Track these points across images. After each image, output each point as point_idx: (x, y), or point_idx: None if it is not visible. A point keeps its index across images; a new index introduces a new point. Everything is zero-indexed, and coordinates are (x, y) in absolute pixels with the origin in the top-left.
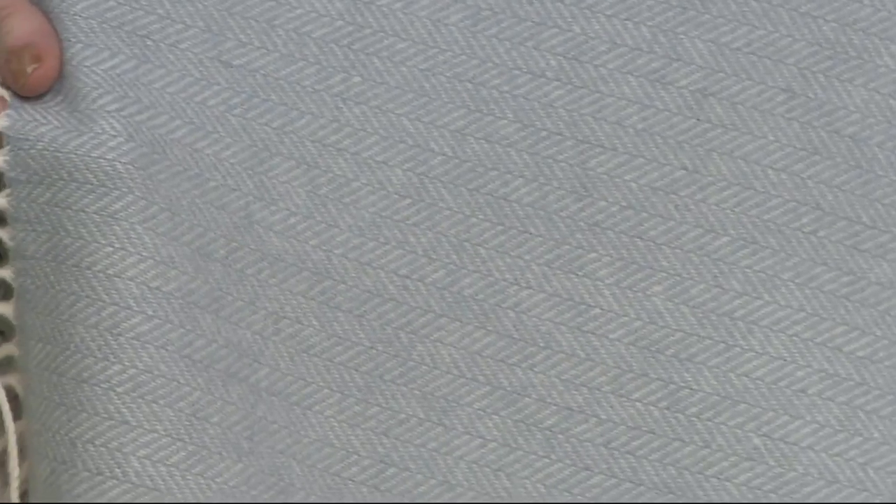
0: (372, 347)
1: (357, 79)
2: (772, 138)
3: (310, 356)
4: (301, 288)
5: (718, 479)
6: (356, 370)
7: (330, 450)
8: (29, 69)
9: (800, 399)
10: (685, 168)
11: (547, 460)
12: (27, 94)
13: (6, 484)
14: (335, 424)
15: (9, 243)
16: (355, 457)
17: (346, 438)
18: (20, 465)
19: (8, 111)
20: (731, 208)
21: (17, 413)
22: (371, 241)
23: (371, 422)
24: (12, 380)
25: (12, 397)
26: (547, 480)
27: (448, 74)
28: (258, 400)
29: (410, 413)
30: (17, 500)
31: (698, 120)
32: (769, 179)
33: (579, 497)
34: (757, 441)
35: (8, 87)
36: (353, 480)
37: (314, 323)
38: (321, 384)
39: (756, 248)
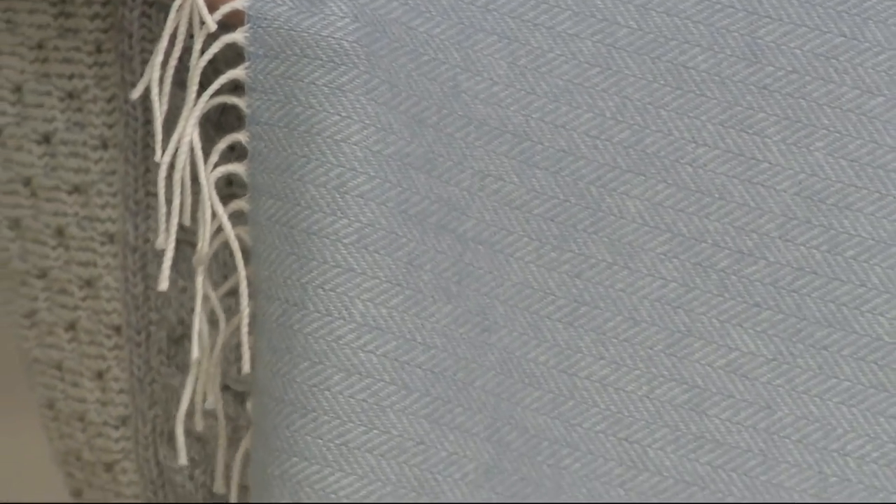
0: (566, 200)
1: None
2: None
3: (511, 209)
4: (503, 149)
5: (872, 314)
6: (552, 220)
7: (529, 291)
8: None
9: None
10: (844, 35)
11: (720, 298)
12: None
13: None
14: (534, 269)
15: (246, 111)
16: (551, 297)
17: (544, 281)
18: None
19: None
20: (885, 71)
21: (245, 261)
22: (564, 106)
23: (565, 266)
24: (242, 231)
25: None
26: (720, 316)
27: None
28: (465, 249)
29: (600, 258)
30: (246, 330)
31: None
32: None
33: (750, 330)
34: None
35: None
36: (549, 318)
37: (515, 179)
38: (521, 233)
39: None
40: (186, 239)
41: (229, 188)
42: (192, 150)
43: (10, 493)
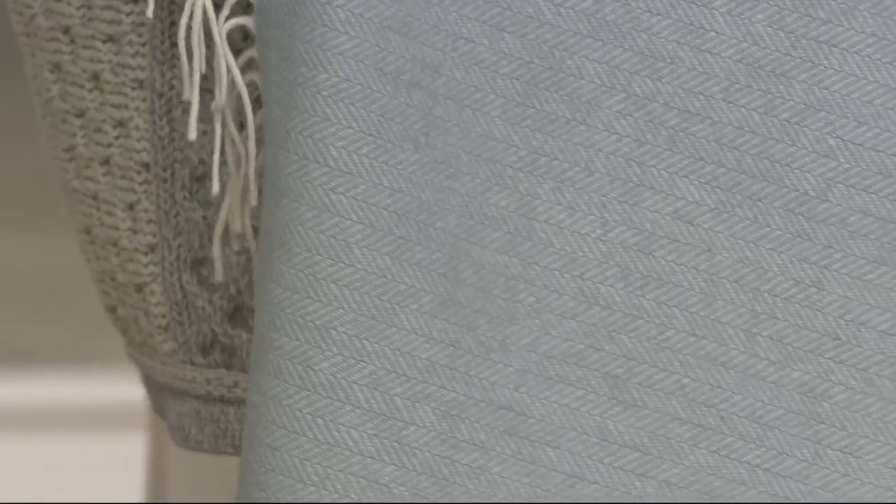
0: (531, 62)
1: None
2: None
3: (480, 68)
4: (475, 13)
5: (801, 171)
6: (517, 79)
7: (493, 143)
8: None
9: (867, 108)
10: None
11: (669, 152)
12: None
13: (239, 172)
14: (499, 123)
15: None
16: (514, 149)
17: (507, 134)
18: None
19: None
20: None
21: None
22: None
23: (528, 121)
24: (255, 77)
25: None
26: (669, 169)
27: None
28: (435, 103)
29: (560, 114)
30: (255, 190)
31: None
32: None
33: (695, 182)
34: (832, 142)
35: None
36: (511, 167)
37: (485, 42)
38: (488, 90)
39: None
40: (205, 87)
41: (244, 41)
42: (204, 9)
43: (58, 302)
